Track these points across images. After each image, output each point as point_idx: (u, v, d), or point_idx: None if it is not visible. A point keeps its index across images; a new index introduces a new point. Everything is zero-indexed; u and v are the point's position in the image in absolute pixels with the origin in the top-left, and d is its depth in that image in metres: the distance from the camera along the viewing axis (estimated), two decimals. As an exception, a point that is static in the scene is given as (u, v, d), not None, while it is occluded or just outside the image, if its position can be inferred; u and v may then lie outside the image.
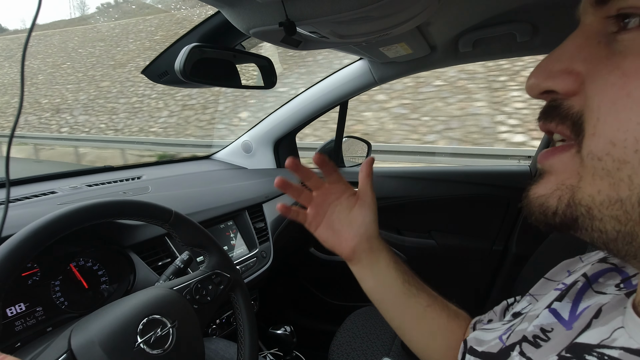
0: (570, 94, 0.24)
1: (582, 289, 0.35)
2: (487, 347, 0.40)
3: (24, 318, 0.61)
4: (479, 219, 1.34)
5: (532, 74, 0.26)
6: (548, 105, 0.26)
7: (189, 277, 0.61)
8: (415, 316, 0.53)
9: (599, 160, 0.22)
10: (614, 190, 0.22)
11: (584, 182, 0.23)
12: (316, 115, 1.39)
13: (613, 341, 0.26)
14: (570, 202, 0.24)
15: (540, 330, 0.34)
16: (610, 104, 0.22)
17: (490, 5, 0.77)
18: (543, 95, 0.26)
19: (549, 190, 0.26)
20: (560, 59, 0.25)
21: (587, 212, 0.23)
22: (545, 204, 0.26)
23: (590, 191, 0.23)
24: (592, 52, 0.24)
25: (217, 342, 0.90)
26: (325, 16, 0.50)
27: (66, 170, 1.07)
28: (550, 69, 0.25)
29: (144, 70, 0.82)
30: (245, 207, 1.09)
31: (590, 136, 0.23)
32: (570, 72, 0.24)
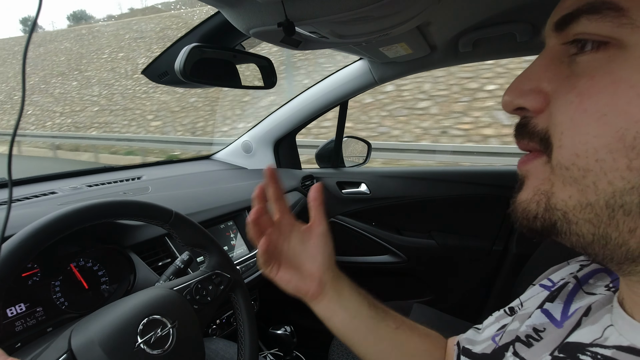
0: (538, 111, 0.27)
1: (573, 291, 0.35)
2: (481, 348, 0.41)
3: (24, 318, 0.61)
4: (479, 219, 1.34)
5: (506, 91, 0.29)
6: (518, 124, 0.29)
7: (189, 278, 0.61)
8: (388, 341, 0.50)
9: (566, 169, 0.25)
10: (583, 196, 0.24)
11: (556, 188, 0.26)
12: (316, 115, 1.39)
13: (605, 340, 0.27)
14: (547, 206, 0.26)
15: (533, 330, 0.35)
16: (570, 120, 0.24)
17: (490, 5, 0.77)
18: (516, 111, 0.29)
19: (529, 196, 0.28)
20: (530, 78, 0.28)
21: (564, 216, 0.25)
22: (527, 209, 0.28)
23: (563, 196, 0.25)
24: (556, 72, 0.26)
25: (217, 342, 0.90)
26: (325, 16, 0.50)
27: (66, 170, 1.08)
28: (522, 88, 0.28)
29: (144, 70, 0.82)
30: (246, 207, 1.09)
31: (557, 148, 0.25)
32: (539, 91, 0.27)
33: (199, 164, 1.47)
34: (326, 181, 1.48)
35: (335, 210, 1.47)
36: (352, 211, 1.46)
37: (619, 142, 0.22)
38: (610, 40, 0.23)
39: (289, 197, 1.29)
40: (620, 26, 0.22)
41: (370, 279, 1.54)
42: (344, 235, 1.46)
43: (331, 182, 1.47)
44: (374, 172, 1.48)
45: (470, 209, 1.34)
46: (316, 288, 0.49)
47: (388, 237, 1.41)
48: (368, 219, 1.46)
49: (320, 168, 1.56)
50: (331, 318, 0.50)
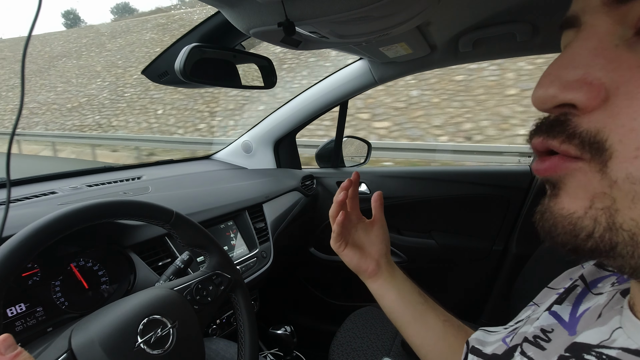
0: (591, 108, 0.21)
1: (582, 294, 0.35)
2: (492, 348, 0.40)
3: (24, 318, 0.61)
4: (479, 219, 1.34)
5: (541, 83, 0.23)
6: (553, 120, 0.23)
7: (190, 278, 0.61)
8: (435, 332, 0.55)
9: (638, 184, 0.20)
10: None
11: (621, 205, 0.21)
12: (316, 115, 1.39)
13: (612, 342, 0.26)
14: (611, 224, 0.21)
15: (541, 330, 0.34)
16: None
17: (490, 4, 0.77)
18: (557, 108, 0.23)
19: (581, 209, 0.22)
20: (575, 66, 0.22)
21: (631, 239, 0.21)
22: (578, 224, 0.22)
23: (633, 215, 0.20)
24: (612, 58, 0.21)
25: (217, 342, 0.90)
26: (325, 16, 0.51)
27: (66, 170, 1.08)
28: (565, 78, 0.22)
29: (144, 70, 0.82)
30: (246, 207, 1.09)
31: (632, 159, 0.20)
32: (590, 82, 0.21)
33: (199, 164, 1.47)
34: (326, 181, 1.49)
35: (336, 210, 1.47)
36: (352, 211, 1.46)
37: None
38: None
39: (289, 198, 1.29)
40: None
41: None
42: (344, 235, 1.46)
43: (331, 182, 1.47)
44: (374, 172, 1.48)
45: (470, 209, 1.34)
46: (374, 268, 0.58)
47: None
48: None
49: (320, 168, 1.56)
50: (384, 296, 0.58)
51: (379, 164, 5.13)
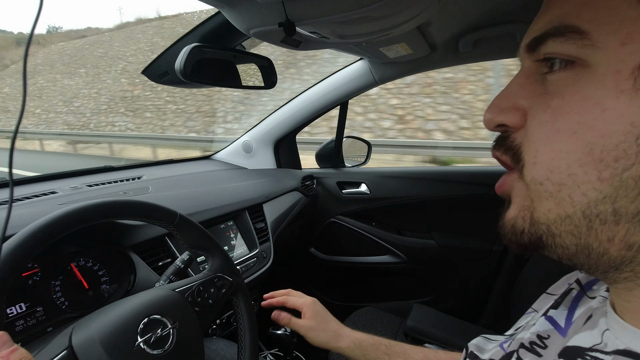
0: (517, 127, 0.29)
1: (577, 297, 0.36)
2: (489, 354, 0.41)
3: (24, 318, 0.61)
4: (480, 219, 1.34)
5: (487, 109, 0.30)
6: (499, 137, 0.31)
7: (192, 280, 0.61)
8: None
9: (540, 184, 0.26)
10: (561, 208, 0.25)
11: (535, 203, 0.27)
12: (316, 116, 1.39)
13: (605, 345, 0.27)
14: (532, 220, 0.27)
15: (537, 337, 0.35)
16: (545, 138, 0.26)
17: (490, 5, 0.77)
18: (497, 128, 0.30)
19: (515, 213, 0.29)
20: (508, 97, 0.29)
21: (548, 230, 0.26)
22: (515, 225, 0.29)
23: (543, 210, 0.26)
24: (531, 89, 0.28)
25: (217, 342, 0.90)
26: (326, 16, 0.51)
27: (66, 170, 1.08)
28: (502, 106, 0.30)
29: (144, 70, 0.82)
30: (246, 207, 1.09)
31: (532, 165, 0.27)
32: (517, 108, 0.29)
33: (199, 164, 1.47)
34: (326, 181, 1.49)
35: (335, 210, 1.48)
36: (352, 211, 1.46)
37: (588, 156, 0.23)
38: (576, 59, 0.24)
39: (289, 198, 1.29)
40: (583, 47, 0.24)
41: (370, 279, 1.54)
42: (344, 236, 1.46)
43: (331, 182, 1.47)
44: (374, 172, 1.48)
45: (470, 209, 1.34)
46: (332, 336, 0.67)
47: (388, 237, 1.41)
48: (368, 219, 1.46)
49: (321, 168, 1.56)
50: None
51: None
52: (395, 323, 1.09)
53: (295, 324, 0.69)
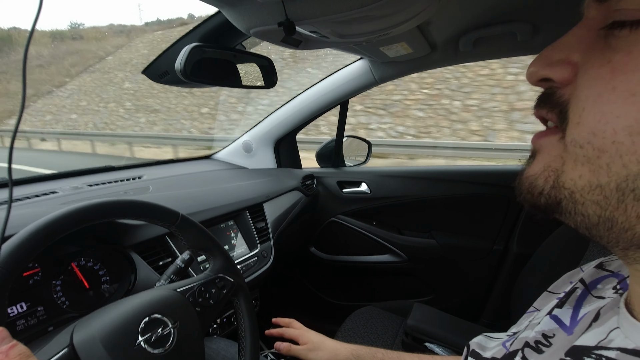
0: (565, 82, 0.26)
1: (582, 296, 0.35)
2: (491, 353, 0.40)
3: (25, 318, 0.62)
4: (480, 218, 1.34)
5: (533, 62, 0.27)
6: (544, 93, 0.28)
7: (193, 280, 0.61)
8: None
9: (580, 147, 0.24)
10: (594, 176, 0.23)
11: (567, 167, 0.25)
12: (316, 115, 1.39)
13: (610, 342, 0.26)
14: (555, 184, 0.26)
15: (542, 336, 0.34)
16: (596, 96, 0.23)
17: (490, 4, 0.77)
18: (541, 82, 0.27)
19: (538, 171, 0.27)
20: (561, 49, 0.26)
21: (570, 196, 0.25)
22: (534, 183, 0.27)
23: (573, 175, 0.24)
24: (590, 43, 0.25)
25: (217, 341, 0.90)
26: (326, 16, 0.51)
27: (67, 170, 1.08)
28: (550, 58, 0.26)
29: (144, 70, 0.82)
30: (246, 206, 1.09)
31: (575, 125, 0.24)
32: (568, 62, 0.25)
33: (200, 164, 1.47)
34: (327, 181, 1.49)
35: (336, 210, 1.48)
36: (352, 211, 1.46)
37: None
38: None
39: (290, 197, 1.29)
40: None
41: (370, 279, 1.54)
42: (345, 235, 1.46)
43: (332, 181, 1.47)
44: (374, 171, 1.48)
45: (471, 208, 1.34)
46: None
47: (388, 236, 1.41)
48: (368, 219, 1.46)
49: (321, 167, 1.56)
50: None
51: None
52: (395, 322, 1.09)
53: (295, 350, 0.73)
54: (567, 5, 0.73)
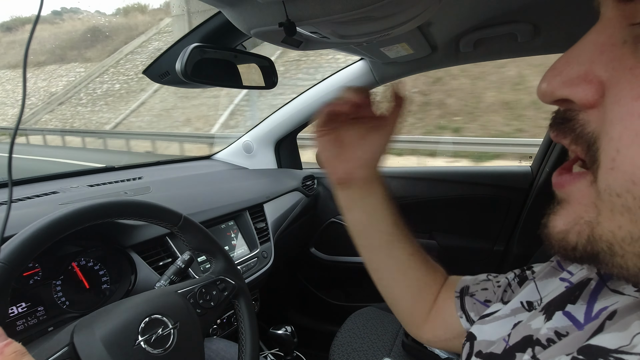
0: (589, 106, 0.22)
1: (597, 289, 0.33)
2: (491, 348, 0.39)
3: (25, 318, 0.62)
4: (480, 219, 1.34)
5: (545, 76, 0.23)
6: (562, 117, 0.24)
7: (194, 282, 0.61)
8: (397, 262, 0.52)
9: (617, 196, 0.20)
10: (635, 227, 0.20)
11: (602, 217, 0.22)
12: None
13: (633, 347, 0.25)
14: (591, 237, 0.22)
15: (555, 333, 0.33)
16: (633, 137, 0.19)
17: (491, 5, 0.77)
18: (558, 102, 0.23)
19: (568, 226, 0.24)
20: (580, 61, 0.22)
21: (609, 249, 0.22)
22: (565, 240, 0.24)
23: (611, 227, 0.21)
24: (616, 55, 0.20)
25: (217, 342, 0.90)
26: (326, 16, 0.51)
27: (67, 170, 1.08)
28: (568, 74, 0.22)
29: (145, 70, 0.82)
30: (246, 207, 1.09)
31: (609, 170, 0.21)
32: (591, 79, 0.21)
33: (200, 164, 1.48)
34: (327, 181, 1.48)
35: (336, 211, 1.47)
36: (352, 211, 1.46)
37: None
38: None
39: (290, 198, 1.29)
40: None
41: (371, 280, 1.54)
42: (345, 236, 1.45)
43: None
44: None
45: (471, 209, 1.34)
46: (343, 175, 0.48)
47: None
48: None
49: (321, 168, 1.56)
50: (349, 211, 0.51)
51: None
52: (395, 323, 1.09)
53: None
54: (568, 6, 0.73)
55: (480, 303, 0.49)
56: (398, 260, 0.52)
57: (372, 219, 0.50)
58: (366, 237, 0.52)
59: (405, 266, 0.53)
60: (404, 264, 0.52)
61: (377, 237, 0.51)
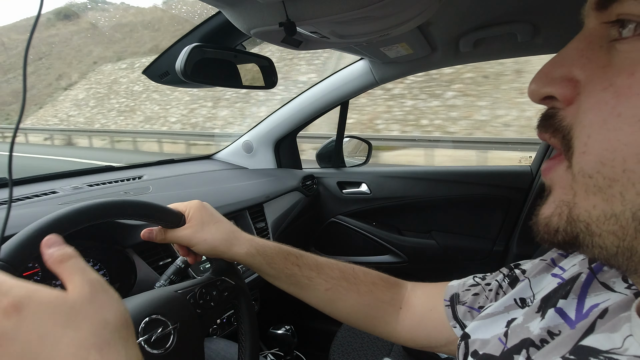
0: (567, 102, 0.24)
1: (587, 281, 0.33)
2: (487, 348, 0.39)
3: (25, 318, 0.61)
4: (480, 219, 1.34)
5: (533, 79, 0.26)
6: (545, 114, 0.27)
7: (194, 282, 0.61)
8: (318, 300, 0.57)
9: (589, 177, 0.23)
10: (607, 205, 0.22)
11: (578, 198, 0.24)
12: (317, 116, 1.39)
13: (625, 350, 0.26)
14: (569, 218, 0.24)
15: (547, 332, 0.33)
16: (601, 123, 0.22)
17: (491, 5, 0.77)
18: (544, 101, 0.26)
19: (551, 210, 0.26)
20: (562, 64, 0.25)
21: (586, 228, 0.24)
22: (549, 224, 0.26)
23: (586, 206, 0.23)
24: (592, 58, 0.23)
25: (217, 342, 0.90)
26: (326, 16, 0.51)
27: (67, 170, 1.08)
28: (552, 75, 0.25)
29: (145, 70, 0.82)
30: (246, 207, 1.09)
31: (581, 154, 0.23)
32: (570, 79, 0.24)
33: (200, 164, 1.48)
34: (327, 181, 1.49)
35: (336, 210, 1.48)
36: (352, 211, 1.46)
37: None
38: None
39: (290, 198, 1.29)
40: None
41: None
42: (345, 236, 1.46)
43: (332, 182, 1.47)
44: (374, 172, 1.48)
45: (471, 209, 1.34)
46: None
47: (389, 237, 1.41)
48: (368, 219, 1.46)
49: (321, 168, 1.56)
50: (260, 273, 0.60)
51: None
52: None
53: (172, 236, 0.56)
54: (567, 6, 0.73)
55: (475, 310, 0.49)
56: (317, 297, 0.57)
57: (269, 277, 0.59)
58: (282, 286, 0.59)
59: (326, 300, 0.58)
60: (323, 299, 0.57)
61: (289, 288, 0.59)
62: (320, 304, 0.58)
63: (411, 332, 0.54)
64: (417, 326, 0.54)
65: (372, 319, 0.56)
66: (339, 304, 0.56)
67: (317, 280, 0.56)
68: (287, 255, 0.57)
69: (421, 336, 0.54)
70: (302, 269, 0.57)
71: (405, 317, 0.55)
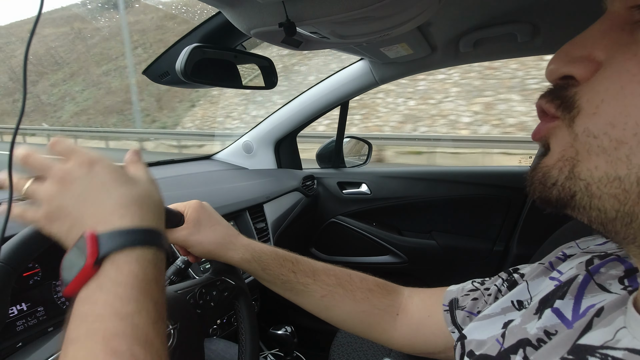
0: (583, 80, 0.24)
1: (584, 283, 0.34)
2: (484, 349, 0.39)
3: (25, 318, 0.61)
4: (480, 219, 1.34)
5: (553, 58, 0.26)
6: (555, 87, 0.26)
7: (194, 282, 0.61)
8: (314, 307, 0.57)
9: (594, 137, 0.23)
10: (611, 168, 0.22)
11: (581, 157, 0.24)
12: (317, 116, 1.39)
13: (617, 342, 0.25)
14: (570, 174, 0.24)
15: (544, 333, 0.33)
16: (618, 89, 0.22)
17: (491, 5, 0.77)
18: (560, 81, 0.26)
19: (554, 161, 0.26)
20: (583, 44, 0.25)
21: (586, 188, 0.23)
22: (548, 174, 0.26)
23: (589, 166, 0.23)
24: (614, 38, 0.23)
25: (217, 342, 0.90)
26: (326, 17, 0.51)
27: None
28: (572, 54, 0.25)
29: (144, 70, 0.82)
30: (246, 207, 1.09)
31: (590, 115, 0.23)
32: (591, 59, 0.24)
33: (200, 164, 1.47)
34: (327, 181, 1.49)
35: (336, 211, 1.47)
36: (352, 211, 1.46)
37: None
38: None
39: (290, 198, 1.29)
40: None
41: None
42: (345, 236, 1.46)
43: (332, 182, 1.47)
44: (374, 172, 1.48)
45: (471, 209, 1.34)
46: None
47: (389, 237, 1.41)
48: (369, 220, 1.46)
49: (321, 168, 1.57)
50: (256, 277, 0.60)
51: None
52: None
53: (170, 237, 0.55)
54: (567, 6, 0.73)
55: (474, 315, 0.48)
56: (312, 304, 0.58)
57: (265, 282, 0.60)
58: (278, 292, 0.60)
59: (321, 307, 0.57)
60: (318, 305, 0.57)
61: (284, 293, 0.59)
62: (315, 310, 0.58)
63: (409, 339, 0.54)
64: (414, 333, 0.54)
65: (368, 325, 0.56)
66: (334, 311, 0.56)
67: (313, 287, 0.56)
68: (283, 262, 0.57)
69: (419, 342, 0.54)
70: (297, 276, 0.56)
71: (402, 324, 0.55)
